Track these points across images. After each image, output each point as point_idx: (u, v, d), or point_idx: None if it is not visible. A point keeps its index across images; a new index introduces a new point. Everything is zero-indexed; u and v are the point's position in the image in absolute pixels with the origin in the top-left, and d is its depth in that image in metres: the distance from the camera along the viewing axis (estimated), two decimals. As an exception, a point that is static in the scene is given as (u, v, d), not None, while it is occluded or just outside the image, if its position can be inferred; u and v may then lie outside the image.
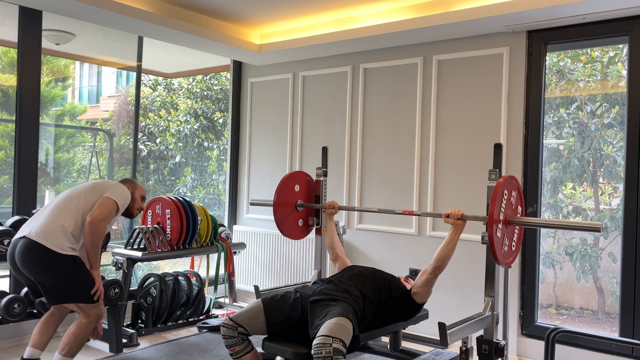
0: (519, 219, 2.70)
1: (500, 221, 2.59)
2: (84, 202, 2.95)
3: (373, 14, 4.01)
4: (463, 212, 2.82)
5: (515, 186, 2.75)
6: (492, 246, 2.53)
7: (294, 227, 3.58)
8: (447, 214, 2.85)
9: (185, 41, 4.36)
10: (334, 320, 2.41)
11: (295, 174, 3.59)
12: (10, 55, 4.35)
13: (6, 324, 3.45)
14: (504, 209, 2.63)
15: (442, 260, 2.76)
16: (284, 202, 3.49)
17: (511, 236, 2.73)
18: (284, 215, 3.49)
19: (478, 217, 2.75)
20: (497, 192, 2.56)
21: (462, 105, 3.98)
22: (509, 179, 2.68)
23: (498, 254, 2.57)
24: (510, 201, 2.70)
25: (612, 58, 3.87)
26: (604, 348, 3.39)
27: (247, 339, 2.70)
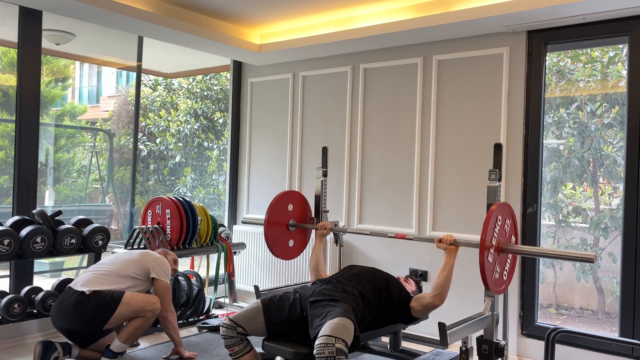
0: (511, 247, 2.64)
1: (493, 247, 2.54)
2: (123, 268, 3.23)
3: (373, 14, 4.01)
4: (456, 237, 2.78)
5: (509, 214, 2.70)
6: (482, 272, 2.47)
7: (285, 248, 3.53)
8: (439, 239, 2.82)
9: (185, 41, 4.36)
10: (336, 320, 2.41)
11: (288, 193, 3.55)
12: (10, 55, 4.35)
13: (6, 324, 3.45)
14: (497, 236, 2.58)
15: (440, 287, 2.71)
16: (275, 221, 3.43)
17: (503, 264, 2.67)
18: (275, 235, 3.43)
19: (471, 243, 2.71)
20: (490, 218, 2.50)
21: (462, 105, 3.98)
22: (502, 205, 2.62)
23: (489, 281, 2.51)
24: (504, 229, 2.65)
25: (612, 58, 3.87)
26: (604, 348, 3.39)
27: (246, 339, 2.70)
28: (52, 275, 5.34)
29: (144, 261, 3.26)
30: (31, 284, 3.78)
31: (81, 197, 5.77)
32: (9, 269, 3.80)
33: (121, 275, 3.17)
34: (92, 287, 3.05)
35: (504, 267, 2.69)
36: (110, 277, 3.14)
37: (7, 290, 3.70)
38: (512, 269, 2.78)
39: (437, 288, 2.72)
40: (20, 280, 3.77)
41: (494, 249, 2.56)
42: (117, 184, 5.77)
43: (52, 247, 3.52)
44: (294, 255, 3.61)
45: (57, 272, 5.39)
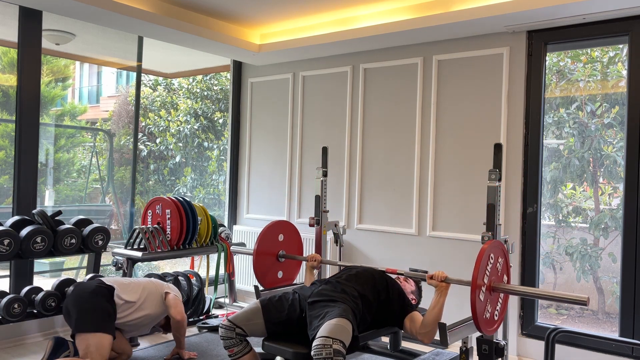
0: (504, 287, 2.59)
1: (485, 285, 2.49)
2: None
3: (373, 14, 4.01)
4: (447, 275, 2.73)
5: (502, 252, 2.65)
6: (473, 312, 2.41)
7: (274, 279, 3.48)
8: (430, 275, 2.75)
9: (185, 41, 4.36)
10: (334, 321, 2.41)
11: (279, 223, 3.51)
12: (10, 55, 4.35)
13: (6, 324, 3.45)
14: (489, 274, 2.53)
15: (430, 326, 2.65)
16: (264, 251, 3.39)
17: (495, 304, 2.62)
18: (264, 268, 3.38)
19: (462, 281, 2.66)
20: (483, 256, 2.46)
21: (462, 105, 3.98)
22: (494, 243, 2.58)
23: (480, 320, 2.45)
24: (497, 267, 2.60)
25: (612, 58, 3.87)
26: (604, 348, 3.39)
27: (246, 340, 2.70)
28: (52, 275, 5.33)
29: (160, 283, 3.49)
30: (31, 284, 3.78)
31: (81, 197, 5.77)
32: (9, 269, 3.80)
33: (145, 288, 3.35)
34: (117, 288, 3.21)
35: (496, 307, 2.62)
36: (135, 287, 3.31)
37: (7, 290, 3.70)
38: (504, 309, 2.71)
39: (426, 326, 2.67)
40: (20, 280, 3.77)
41: (486, 288, 2.50)
42: (117, 184, 5.77)
43: (52, 247, 3.52)
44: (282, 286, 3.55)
45: (57, 272, 5.39)
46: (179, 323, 3.38)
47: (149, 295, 3.34)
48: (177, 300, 3.43)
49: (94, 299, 3.07)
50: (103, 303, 3.08)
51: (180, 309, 3.40)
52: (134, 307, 3.23)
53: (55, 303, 3.55)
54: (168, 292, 3.43)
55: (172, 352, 3.43)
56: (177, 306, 3.39)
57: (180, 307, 3.42)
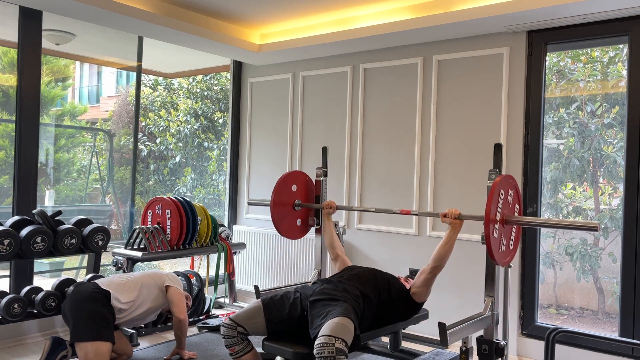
0: (516, 219, 2.68)
1: (497, 221, 2.58)
2: None
3: (373, 14, 4.01)
4: (460, 211, 2.82)
5: (512, 185, 2.74)
6: (488, 246, 2.51)
7: (292, 226, 3.57)
8: (444, 213, 2.85)
9: (185, 41, 4.36)
10: (336, 320, 2.41)
11: (292, 173, 3.58)
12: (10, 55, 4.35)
13: (6, 324, 3.45)
14: (501, 209, 2.62)
15: (441, 260, 2.76)
16: (281, 201, 3.48)
17: (508, 235, 2.71)
18: (281, 215, 3.48)
19: (475, 217, 2.75)
20: (494, 192, 2.54)
21: (462, 105, 3.98)
22: (505, 178, 2.66)
23: (495, 254, 2.55)
24: (507, 200, 2.68)
25: (612, 58, 3.87)
26: (604, 348, 3.39)
27: (247, 339, 2.70)
28: (52, 275, 5.34)
29: (159, 275, 3.48)
30: (31, 284, 3.78)
31: (81, 197, 5.77)
32: (9, 269, 3.80)
33: (141, 284, 3.34)
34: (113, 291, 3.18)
35: (510, 238, 2.72)
36: (131, 285, 3.30)
37: (7, 290, 3.70)
38: (517, 238, 2.80)
39: (436, 260, 2.76)
40: (20, 280, 3.77)
41: (499, 222, 2.59)
42: (117, 184, 5.77)
43: (52, 247, 3.52)
44: (301, 234, 3.64)
45: (57, 272, 5.39)
46: (180, 322, 3.37)
47: (147, 290, 3.34)
48: (179, 296, 3.42)
49: (89, 306, 3.04)
50: (99, 309, 3.06)
51: (182, 308, 3.40)
52: (133, 307, 3.23)
53: (55, 303, 3.55)
54: (169, 285, 3.41)
55: (172, 352, 3.42)
56: (179, 304, 3.39)
57: (182, 305, 3.41)
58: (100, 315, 3.04)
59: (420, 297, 2.84)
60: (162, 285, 3.40)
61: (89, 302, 3.06)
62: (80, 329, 2.99)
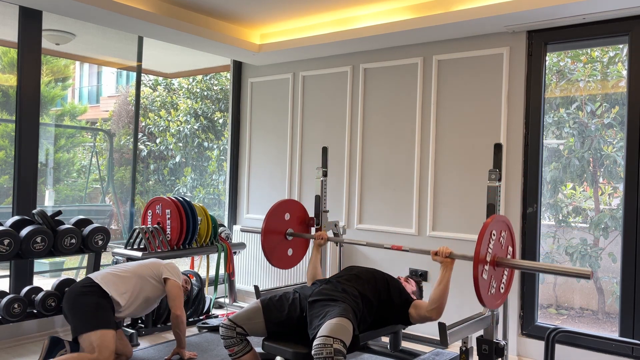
0: (507, 261, 2.57)
1: (487, 262, 2.48)
2: None
3: (373, 14, 4.01)
4: (451, 250, 2.73)
5: (505, 226, 2.64)
6: (476, 288, 2.41)
7: (283, 257, 3.49)
8: (435, 251, 2.76)
9: (185, 41, 4.36)
10: (334, 321, 2.41)
11: (285, 202, 3.52)
12: (10, 55, 4.35)
13: (6, 324, 3.45)
14: (492, 249, 2.52)
15: (437, 301, 2.66)
16: (272, 230, 3.41)
17: (499, 278, 2.61)
18: (272, 245, 3.40)
19: (466, 256, 2.65)
20: (485, 232, 2.43)
21: (462, 105, 3.98)
22: (498, 218, 2.56)
23: (484, 296, 2.44)
24: (500, 241, 2.59)
25: (612, 58, 3.87)
26: (604, 348, 3.39)
27: (246, 340, 2.70)
28: (52, 275, 5.34)
29: (157, 265, 3.42)
30: (31, 284, 3.78)
31: (81, 197, 5.77)
32: (9, 269, 3.80)
33: (137, 275, 3.30)
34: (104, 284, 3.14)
35: (501, 281, 2.62)
36: (126, 276, 3.26)
37: (7, 290, 3.70)
38: (510, 281, 2.70)
39: (434, 302, 2.67)
40: (20, 280, 3.77)
41: (489, 263, 2.50)
42: (117, 184, 5.77)
43: (52, 247, 3.52)
44: (292, 264, 3.57)
45: (57, 272, 5.39)
46: (178, 318, 3.33)
47: (143, 281, 3.29)
48: (177, 289, 3.36)
49: (85, 299, 3.04)
50: (94, 300, 3.05)
51: (179, 303, 3.34)
52: (130, 298, 3.21)
53: (55, 303, 3.55)
54: (167, 277, 3.36)
55: (173, 352, 3.42)
56: (176, 299, 3.33)
57: (179, 300, 3.35)
58: (97, 306, 3.03)
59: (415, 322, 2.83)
60: (159, 277, 3.36)
61: (83, 296, 3.06)
62: (80, 322, 2.99)
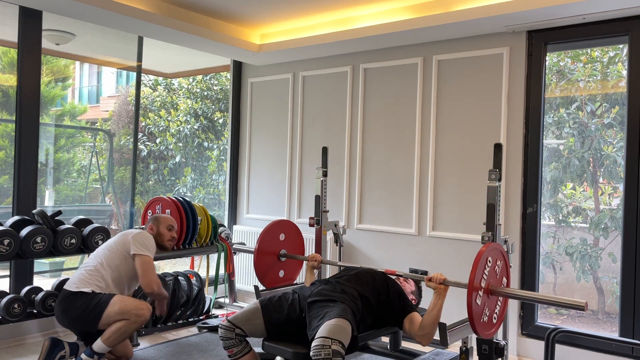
0: (502, 290, 2.56)
1: (482, 289, 2.48)
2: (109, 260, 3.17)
3: (373, 14, 4.01)
4: (445, 277, 2.71)
5: (501, 255, 2.64)
6: (470, 315, 2.40)
7: (275, 279, 3.47)
8: (429, 277, 2.74)
9: (185, 41, 4.36)
10: (333, 322, 2.41)
11: (280, 222, 3.51)
12: (10, 55, 4.35)
13: (6, 324, 3.45)
14: (487, 277, 2.51)
15: (429, 328, 2.64)
16: (266, 251, 3.40)
17: (493, 307, 2.59)
18: (265, 267, 3.38)
19: (460, 284, 2.63)
20: (480, 259, 2.44)
21: (462, 105, 3.98)
22: (493, 246, 2.56)
23: (476, 324, 2.43)
24: (495, 270, 2.58)
25: (612, 58, 3.87)
26: (604, 348, 3.39)
27: (245, 340, 2.70)
28: (52, 275, 5.34)
29: (124, 240, 3.18)
30: (31, 284, 3.78)
31: (81, 197, 5.77)
32: (9, 269, 3.80)
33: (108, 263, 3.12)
34: (80, 286, 3.04)
35: (494, 310, 2.61)
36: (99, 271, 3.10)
37: (7, 290, 3.70)
38: (503, 311, 2.69)
39: (425, 328, 2.65)
40: (20, 280, 3.77)
41: (483, 291, 2.49)
42: (117, 184, 5.77)
43: (52, 247, 3.52)
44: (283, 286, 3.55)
45: (57, 272, 5.39)
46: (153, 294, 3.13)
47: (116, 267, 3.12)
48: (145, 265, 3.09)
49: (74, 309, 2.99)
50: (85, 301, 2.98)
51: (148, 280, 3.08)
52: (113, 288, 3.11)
53: (55, 303, 3.55)
54: (135, 253, 3.11)
55: None
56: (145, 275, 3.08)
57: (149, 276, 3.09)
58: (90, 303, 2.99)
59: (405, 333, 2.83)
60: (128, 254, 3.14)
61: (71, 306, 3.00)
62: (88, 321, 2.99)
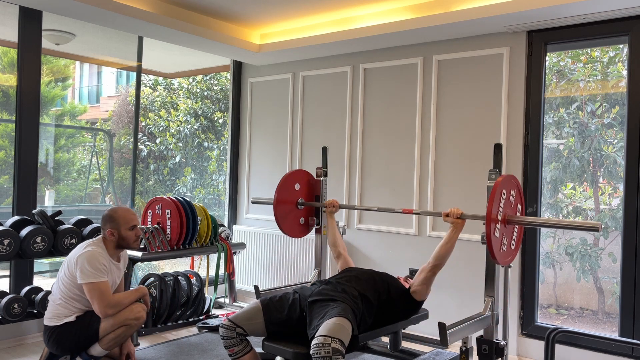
0: (517, 218, 2.67)
1: (499, 220, 2.57)
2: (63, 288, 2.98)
3: (373, 14, 4.01)
4: (462, 211, 2.82)
5: (515, 185, 2.74)
6: (489, 246, 2.51)
7: (295, 225, 3.58)
8: (446, 212, 2.85)
9: (185, 41, 4.36)
10: (333, 320, 2.41)
11: (295, 172, 3.59)
12: (10, 55, 4.35)
13: (6, 324, 3.45)
14: (503, 208, 2.61)
15: (441, 258, 2.76)
16: (284, 200, 3.49)
17: (510, 235, 2.71)
18: (284, 213, 3.49)
19: (477, 216, 2.75)
20: (496, 191, 2.54)
21: (462, 105, 3.98)
22: (508, 177, 2.66)
23: (496, 254, 2.55)
24: (510, 200, 2.68)
25: (612, 58, 3.87)
26: (604, 348, 3.39)
27: (246, 340, 2.70)
28: (52, 275, 5.34)
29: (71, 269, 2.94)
30: (31, 284, 3.78)
31: (81, 197, 5.77)
32: (9, 269, 3.80)
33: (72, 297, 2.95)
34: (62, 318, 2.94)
35: (512, 238, 2.72)
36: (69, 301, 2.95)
37: (7, 290, 3.70)
38: (519, 238, 2.80)
39: (437, 259, 2.76)
40: (20, 280, 3.77)
41: (501, 222, 2.59)
42: (117, 184, 5.77)
43: (52, 247, 3.52)
44: (303, 233, 3.65)
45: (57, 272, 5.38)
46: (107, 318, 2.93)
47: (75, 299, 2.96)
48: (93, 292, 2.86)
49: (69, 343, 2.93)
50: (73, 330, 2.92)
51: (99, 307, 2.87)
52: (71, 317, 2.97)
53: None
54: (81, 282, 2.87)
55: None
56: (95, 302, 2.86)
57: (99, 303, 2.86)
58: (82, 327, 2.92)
59: (421, 296, 2.85)
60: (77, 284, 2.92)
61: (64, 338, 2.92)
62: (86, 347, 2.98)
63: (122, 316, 2.98)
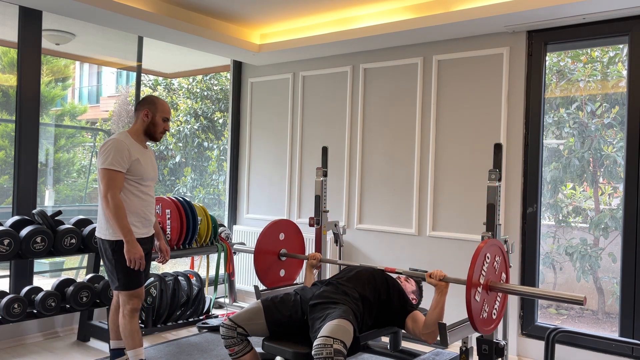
0: (500, 286, 2.55)
1: (480, 285, 2.46)
2: None
3: (373, 14, 4.01)
4: (445, 274, 2.70)
5: (500, 251, 2.63)
6: (469, 311, 2.39)
7: (276, 278, 3.48)
8: (429, 273, 2.73)
9: (185, 41, 4.36)
10: (335, 322, 2.42)
11: (280, 222, 3.51)
12: (10, 55, 4.35)
13: (6, 324, 3.45)
14: (486, 273, 2.50)
15: (433, 326, 2.61)
16: (265, 250, 3.40)
17: (492, 303, 2.58)
18: (265, 266, 3.38)
19: (459, 280, 2.62)
20: (479, 255, 2.43)
21: (462, 105, 3.98)
22: (491, 242, 2.56)
23: (476, 320, 2.42)
24: (494, 266, 2.58)
25: (612, 58, 3.87)
26: (604, 348, 3.39)
27: (246, 339, 2.70)
28: (52, 275, 5.34)
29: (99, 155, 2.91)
30: (31, 284, 3.78)
31: (81, 197, 5.77)
32: (9, 269, 3.80)
33: None
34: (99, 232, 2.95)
35: (493, 306, 2.60)
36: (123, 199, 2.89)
37: (7, 290, 3.70)
38: (502, 307, 2.68)
39: (429, 327, 2.64)
40: (20, 280, 3.77)
41: (482, 287, 2.48)
42: (117, 184, 5.76)
43: (52, 247, 3.52)
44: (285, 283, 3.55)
45: (57, 272, 5.39)
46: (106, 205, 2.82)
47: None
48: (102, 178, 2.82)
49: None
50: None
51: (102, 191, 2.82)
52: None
53: (55, 303, 3.55)
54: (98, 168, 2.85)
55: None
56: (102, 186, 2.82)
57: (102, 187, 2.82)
58: None
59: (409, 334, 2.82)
60: None
61: None
62: None
63: None
